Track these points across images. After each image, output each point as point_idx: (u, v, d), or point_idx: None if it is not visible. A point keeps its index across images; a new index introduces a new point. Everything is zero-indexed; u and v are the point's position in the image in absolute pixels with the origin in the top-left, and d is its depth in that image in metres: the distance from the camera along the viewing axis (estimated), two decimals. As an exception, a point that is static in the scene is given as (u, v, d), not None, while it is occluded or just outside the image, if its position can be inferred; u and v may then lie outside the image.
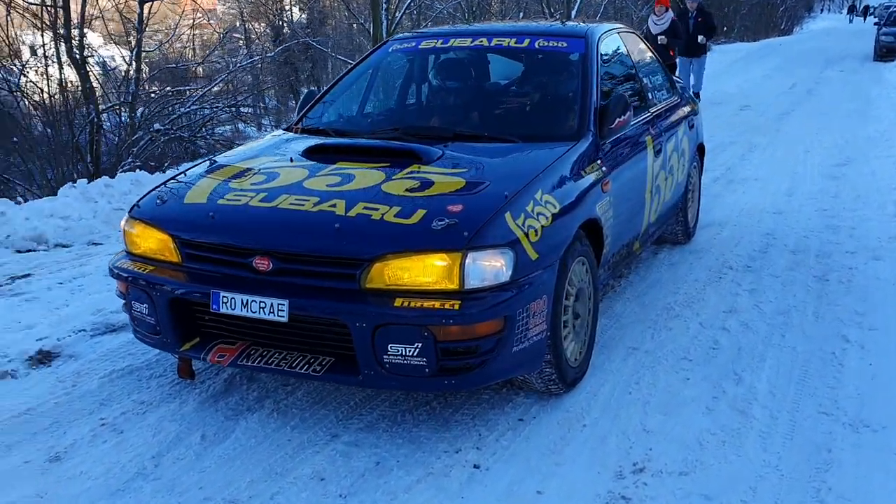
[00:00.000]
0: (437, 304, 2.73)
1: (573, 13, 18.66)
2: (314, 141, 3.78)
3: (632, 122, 4.03)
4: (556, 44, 4.12)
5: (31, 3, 9.39)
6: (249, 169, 3.50)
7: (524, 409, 3.24)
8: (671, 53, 10.42)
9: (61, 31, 9.47)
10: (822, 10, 60.12)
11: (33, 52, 10.14)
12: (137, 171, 8.04)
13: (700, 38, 11.57)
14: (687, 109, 5.29)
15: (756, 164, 8.28)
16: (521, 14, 24.35)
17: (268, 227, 3.00)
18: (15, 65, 10.26)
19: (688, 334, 3.95)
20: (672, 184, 4.77)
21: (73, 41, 9.62)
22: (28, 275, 5.27)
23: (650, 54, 5.09)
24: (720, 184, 7.35)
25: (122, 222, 3.40)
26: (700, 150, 5.63)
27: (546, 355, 3.11)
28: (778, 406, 3.22)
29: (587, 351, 3.52)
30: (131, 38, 10.95)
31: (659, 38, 10.33)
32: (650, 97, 4.63)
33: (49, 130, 9.68)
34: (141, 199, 3.48)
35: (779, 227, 5.87)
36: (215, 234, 3.07)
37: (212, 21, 25.73)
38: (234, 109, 13.75)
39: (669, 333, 3.96)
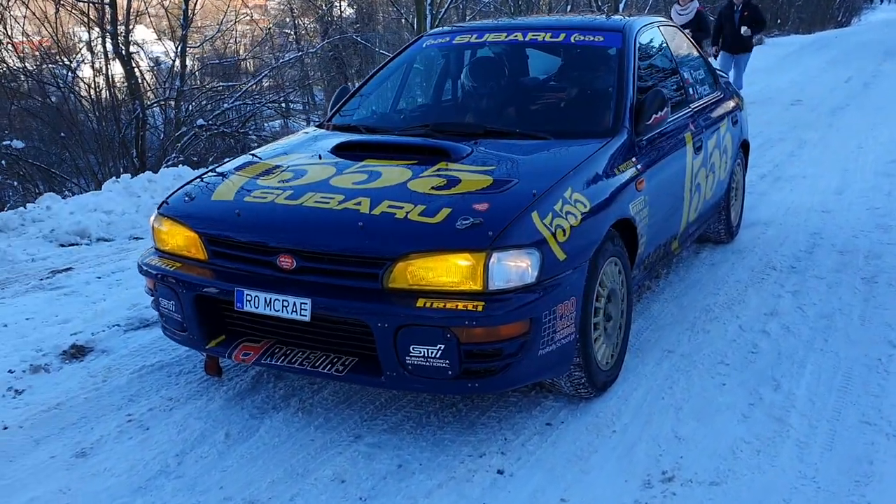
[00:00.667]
0: (460, 305, 2.68)
1: (621, 6, 18.39)
2: (343, 138, 3.74)
3: (670, 119, 3.92)
4: (592, 38, 4.02)
5: (80, 0, 9.57)
6: (278, 166, 3.48)
7: (552, 413, 3.17)
8: None
9: (108, 28, 9.62)
10: (881, 1, 58.41)
11: (89, 47, 10.32)
12: (180, 166, 8.12)
13: (743, 29, 10.70)
14: (731, 105, 5.14)
15: (805, 160, 8.04)
16: (569, 7, 24.07)
17: (292, 226, 2.97)
18: (65, 62, 10.45)
19: (726, 337, 3.83)
20: (713, 182, 4.63)
21: (119, 37, 9.77)
22: (69, 269, 5.36)
23: (692, 48, 4.95)
24: (767, 181, 7.15)
25: (152, 219, 3.40)
26: (744, 146, 5.47)
27: (575, 358, 3.03)
28: (817, 414, 3.10)
29: (620, 354, 3.42)
30: (178, 32, 11.07)
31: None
32: (691, 92, 4.50)
33: (96, 126, 9.85)
34: (170, 195, 3.48)
35: (827, 226, 5.68)
36: (240, 231, 3.06)
37: (262, 17, 25.98)
38: (280, 105, 13.83)
39: (707, 336, 3.85)
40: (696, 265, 4.93)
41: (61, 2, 9.70)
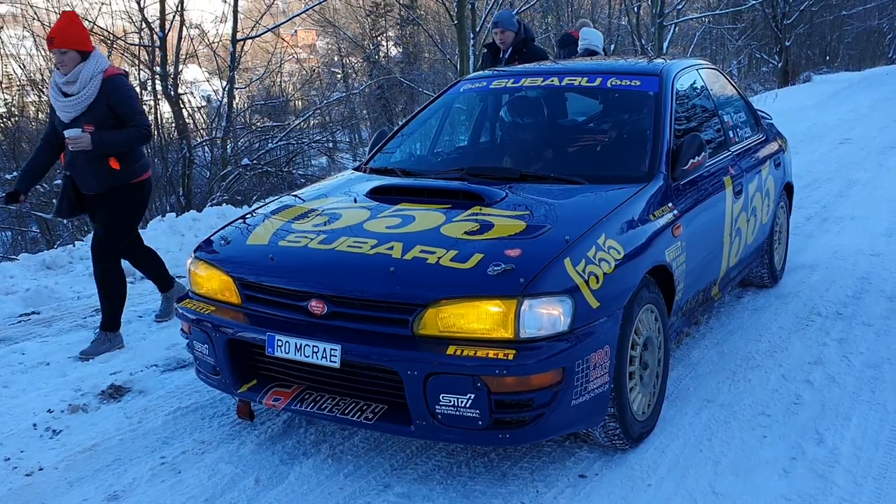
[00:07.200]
0: (490, 354, 2.64)
1: (665, 45, 18.36)
2: (379, 181, 3.76)
3: (709, 162, 3.86)
4: (628, 82, 4.00)
5: (131, 44, 9.88)
6: (313, 210, 3.51)
7: (587, 464, 3.10)
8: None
9: (157, 70, 9.90)
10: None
11: (143, 86, 10.64)
12: (224, 205, 8.25)
13: None
14: (773, 147, 5.06)
15: (854, 201, 7.87)
16: (613, 48, 24.08)
17: (323, 270, 2.98)
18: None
19: (768, 387, 3.72)
20: (755, 226, 4.55)
21: (168, 79, 10.03)
22: (112, 307, 5.43)
23: (733, 91, 4.90)
24: (813, 223, 7.00)
25: (188, 262, 3.45)
26: (788, 189, 5.38)
27: (609, 409, 2.97)
28: (863, 472, 2.97)
29: (657, 403, 3.35)
30: (226, 73, 11.32)
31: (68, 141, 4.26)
32: (731, 135, 4.44)
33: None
34: (207, 238, 3.52)
35: (875, 270, 5.52)
36: (273, 276, 3.07)
37: (310, 56, 26.54)
38: (327, 143, 14.02)
39: (748, 385, 3.74)
40: (737, 310, 4.83)
41: (113, 45, 10.01)
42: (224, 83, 11.04)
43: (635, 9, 20.69)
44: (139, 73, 10.19)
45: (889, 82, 22.33)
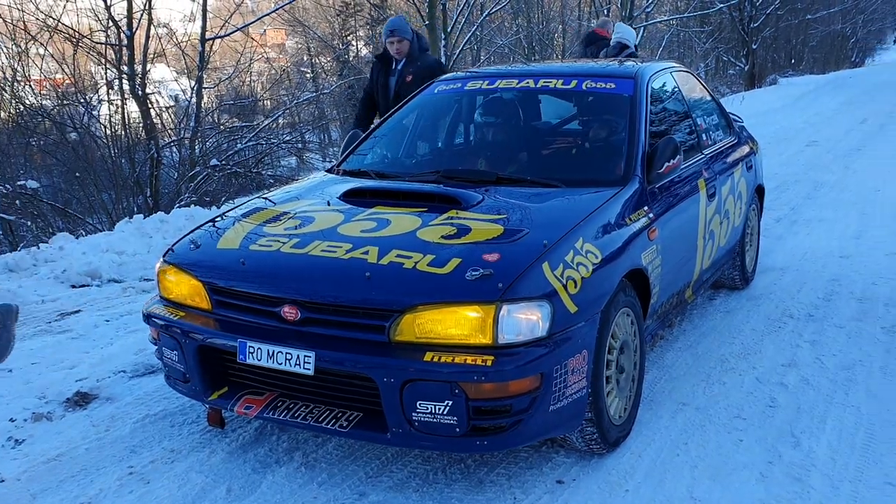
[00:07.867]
0: (469, 360, 2.60)
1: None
2: (353, 184, 3.70)
3: (683, 165, 3.86)
4: (603, 85, 3.99)
5: (98, 42, 9.71)
6: (285, 213, 3.44)
7: (564, 469, 3.07)
8: None
9: (125, 69, 9.74)
10: (894, 42, 58.58)
11: (110, 85, 10.47)
12: (192, 206, 8.13)
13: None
14: (745, 150, 5.08)
15: (822, 203, 7.95)
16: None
17: (296, 275, 2.92)
18: (82, 101, 10.57)
19: (742, 390, 3.72)
20: (728, 228, 4.56)
21: (136, 78, 9.88)
22: (78, 311, 5.32)
23: (706, 94, 4.91)
24: (783, 225, 7.06)
25: (157, 266, 3.37)
26: (759, 191, 5.40)
27: (586, 413, 2.94)
28: (839, 474, 2.98)
29: (633, 407, 3.33)
30: (195, 73, 11.18)
31: None
32: (704, 138, 4.45)
33: (111, 164, 9.92)
34: (176, 242, 3.45)
35: (845, 272, 5.57)
36: (245, 281, 3.01)
37: (280, 55, 26.38)
38: (296, 144, 13.92)
39: (723, 388, 3.74)
40: (710, 312, 4.84)
41: (79, 43, 9.83)
42: (192, 83, 10.90)
43: (605, 11, 20.80)
44: (106, 73, 10.04)
45: (853, 85, 22.71)
